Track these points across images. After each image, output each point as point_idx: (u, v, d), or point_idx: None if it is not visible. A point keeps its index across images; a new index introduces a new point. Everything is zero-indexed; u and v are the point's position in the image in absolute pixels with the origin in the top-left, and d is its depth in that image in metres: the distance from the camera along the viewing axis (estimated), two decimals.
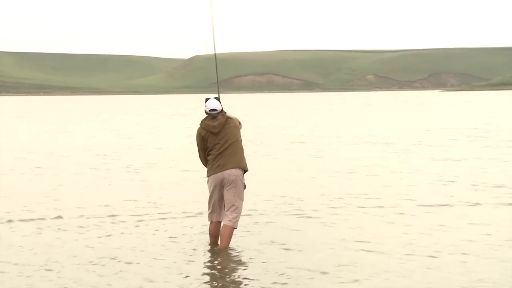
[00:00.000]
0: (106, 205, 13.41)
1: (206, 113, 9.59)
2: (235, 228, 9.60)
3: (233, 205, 9.45)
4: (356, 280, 8.29)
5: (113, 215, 12.37)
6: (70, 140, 32.04)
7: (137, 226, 11.51)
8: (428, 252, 9.49)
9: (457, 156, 22.20)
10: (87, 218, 12.16)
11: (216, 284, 8.32)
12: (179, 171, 19.20)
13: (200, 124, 9.67)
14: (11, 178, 18.07)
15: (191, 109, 78.59)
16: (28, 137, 34.34)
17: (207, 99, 9.58)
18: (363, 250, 9.69)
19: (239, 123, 9.75)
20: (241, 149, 9.63)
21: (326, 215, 12.27)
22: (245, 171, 9.63)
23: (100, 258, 9.40)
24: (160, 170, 19.48)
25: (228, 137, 9.49)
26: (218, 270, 8.87)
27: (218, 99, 9.61)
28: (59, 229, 11.30)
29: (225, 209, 9.52)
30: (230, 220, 9.46)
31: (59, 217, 12.19)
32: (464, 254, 9.46)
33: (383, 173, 18.11)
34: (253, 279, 8.37)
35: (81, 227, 11.45)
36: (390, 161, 21.07)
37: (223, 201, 9.57)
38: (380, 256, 9.36)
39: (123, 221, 11.86)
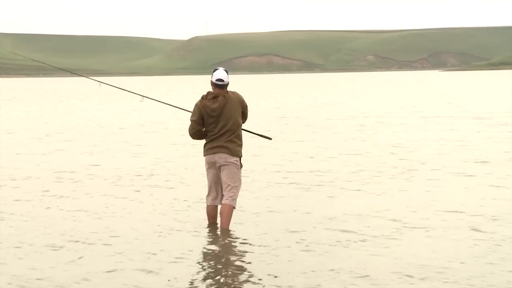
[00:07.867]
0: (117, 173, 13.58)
1: (212, 83, 9.44)
2: (234, 208, 9.60)
3: (229, 185, 9.48)
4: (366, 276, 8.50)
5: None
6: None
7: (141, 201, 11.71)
8: None
9: None
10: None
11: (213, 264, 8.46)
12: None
13: (200, 101, 9.51)
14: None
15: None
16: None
17: (215, 69, 9.47)
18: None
19: (243, 102, 9.55)
20: (237, 135, 9.49)
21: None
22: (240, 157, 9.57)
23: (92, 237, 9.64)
24: None
25: (226, 121, 9.41)
26: (215, 250, 8.98)
27: (227, 71, 9.50)
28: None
29: (222, 190, 9.58)
30: (227, 199, 9.50)
31: None
32: None
33: None
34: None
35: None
36: None
37: (219, 185, 9.60)
38: None
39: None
